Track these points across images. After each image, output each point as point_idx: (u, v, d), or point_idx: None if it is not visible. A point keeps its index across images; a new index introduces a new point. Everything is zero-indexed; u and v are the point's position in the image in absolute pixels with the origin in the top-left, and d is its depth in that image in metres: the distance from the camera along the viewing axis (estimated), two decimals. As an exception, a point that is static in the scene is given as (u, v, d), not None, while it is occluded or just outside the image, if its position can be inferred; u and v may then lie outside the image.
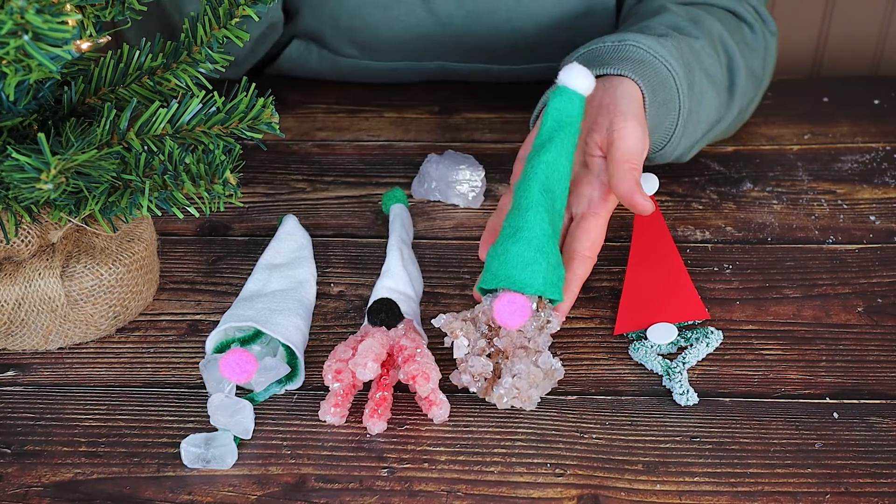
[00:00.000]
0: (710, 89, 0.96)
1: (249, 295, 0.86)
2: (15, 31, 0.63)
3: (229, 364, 0.75)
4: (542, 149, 0.80)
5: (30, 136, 0.77)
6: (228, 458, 0.75)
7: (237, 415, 0.76)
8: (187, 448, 0.74)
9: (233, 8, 0.79)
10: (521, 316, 0.77)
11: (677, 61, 0.91)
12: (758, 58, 1.04)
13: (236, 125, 0.78)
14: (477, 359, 0.78)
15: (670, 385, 0.81)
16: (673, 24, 0.97)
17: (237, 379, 0.75)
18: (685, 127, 0.93)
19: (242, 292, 0.87)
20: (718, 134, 1.03)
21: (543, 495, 0.73)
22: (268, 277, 0.88)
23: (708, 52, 0.97)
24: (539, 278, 0.78)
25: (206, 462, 0.74)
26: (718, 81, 0.97)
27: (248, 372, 0.75)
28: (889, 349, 0.85)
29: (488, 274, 0.80)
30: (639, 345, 0.84)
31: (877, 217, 1.00)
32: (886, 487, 0.74)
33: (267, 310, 0.83)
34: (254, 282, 0.87)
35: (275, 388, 0.80)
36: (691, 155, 1.00)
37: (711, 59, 0.97)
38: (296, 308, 0.84)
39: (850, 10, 1.33)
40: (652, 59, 0.89)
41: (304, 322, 0.84)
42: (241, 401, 0.77)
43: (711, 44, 0.98)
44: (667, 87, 0.90)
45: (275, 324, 0.81)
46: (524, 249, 0.78)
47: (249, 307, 0.83)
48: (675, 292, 0.83)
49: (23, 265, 0.82)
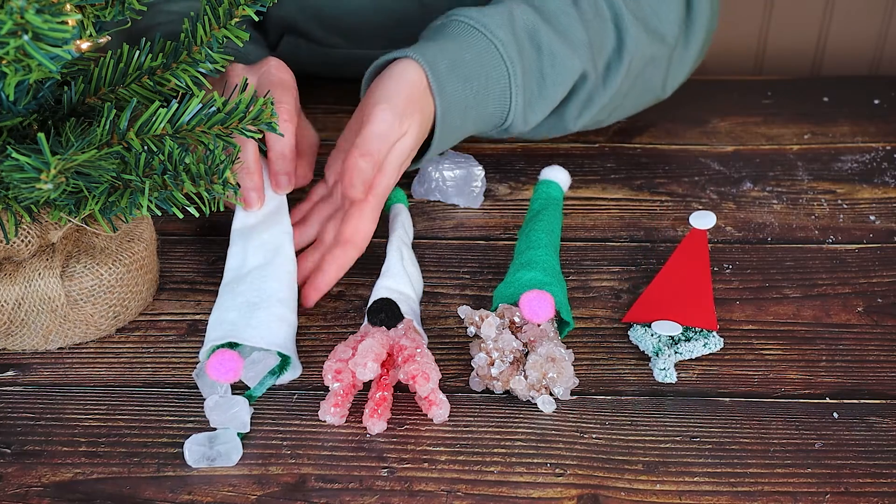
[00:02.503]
0: (564, 48, 0.94)
1: (231, 279, 0.85)
2: (15, 31, 0.63)
3: (215, 366, 0.75)
4: (536, 216, 0.90)
5: (30, 136, 0.77)
6: (234, 455, 0.75)
7: (232, 409, 0.76)
8: (191, 447, 0.75)
9: (232, 8, 0.79)
10: (548, 310, 0.79)
11: (503, 28, 0.92)
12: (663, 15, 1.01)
13: (236, 125, 0.78)
14: (508, 335, 0.79)
15: (654, 362, 0.82)
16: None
17: (226, 378, 0.76)
18: (528, 91, 0.94)
19: (225, 274, 0.86)
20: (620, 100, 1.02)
21: (543, 495, 0.73)
22: (244, 248, 0.87)
23: (567, 10, 0.96)
24: (558, 294, 0.82)
25: (211, 460, 0.74)
26: (577, 40, 0.96)
27: (234, 370, 0.75)
28: (889, 349, 0.85)
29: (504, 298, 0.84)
30: (639, 327, 0.85)
31: (877, 217, 1.00)
32: (886, 487, 0.74)
33: (247, 305, 0.82)
34: (233, 257, 0.87)
35: (270, 380, 0.80)
36: (583, 122, 1.00)
37: (570, 17, 0.96)
38: (276, 292, 0.83)
39: (850, 10, 1.33)
40: (471, 31, 0.91)
41: (288, 305, 0.83)
42: (235, 397, 0.77)
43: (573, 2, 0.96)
44: (486, 55, 0.91)
45: (255, 326, 0.80)
46: (539, 274, 0.84)
47: (231, 304, 0.82)
48: (694, 301, 0.84)
49: (23, 265, 0.82)
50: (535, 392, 0.79)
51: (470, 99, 0.91)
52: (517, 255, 0.87)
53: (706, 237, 0.86)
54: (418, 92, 0.89)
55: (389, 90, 0.88)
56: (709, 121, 1.15)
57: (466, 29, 0.92)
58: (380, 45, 1.14)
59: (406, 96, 0.88)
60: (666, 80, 1.05)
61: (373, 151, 0.86)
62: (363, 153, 0.85)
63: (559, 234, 0.90)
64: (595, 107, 0.99)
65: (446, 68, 0.90)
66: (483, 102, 0.92)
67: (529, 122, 0.95)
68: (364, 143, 0.86)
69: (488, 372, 0.79)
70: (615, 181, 1.05)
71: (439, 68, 0.89)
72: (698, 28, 1.03)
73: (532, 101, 0.94)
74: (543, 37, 0.94)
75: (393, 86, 0.88)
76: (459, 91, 0.90)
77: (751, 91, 1.20)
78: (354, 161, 0.85)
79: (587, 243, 0.97)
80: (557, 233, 0.90)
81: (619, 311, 0.89)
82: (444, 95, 0.89)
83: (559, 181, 0.94)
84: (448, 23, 0.94)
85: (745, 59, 1.37)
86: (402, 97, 0.88)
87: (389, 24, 1.12)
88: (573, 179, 1.01)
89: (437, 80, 0.89)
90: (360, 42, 1.15)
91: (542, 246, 0.87)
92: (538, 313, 0.79)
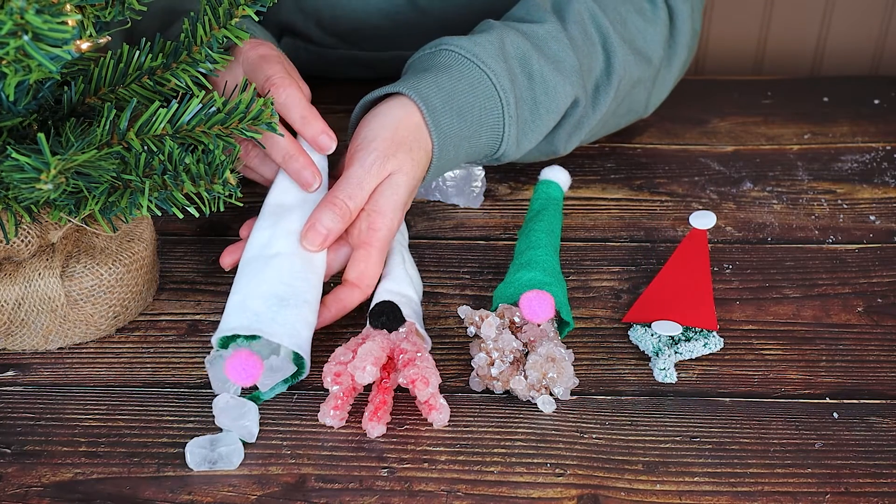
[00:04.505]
0: (555, 75, 0.94)
1: (252, 257, 0.83)
2: (15, 31, 0.63)
3: (235, 368, 0.74)
4: (536, 216, 0.90)
5: (30, 136, 0.77)
6: (235, 458, 0.74)
7: (242, 419, 0.76)
8: (193, 450, 0.74)
9: (232, 8, 0.79)
10: (548, 310, 0.79)
11: (495, 58, 0.91)
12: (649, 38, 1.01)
13: (236, 125, 0.78)
14: (508, 335, 0.79)
15: (654, 363, 0.82)
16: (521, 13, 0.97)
17: (242, 382, 0.75)
18: (521, 121, 0.93)
19: (247, 249, 0.84)
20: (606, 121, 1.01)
21: (543, 495, 0.73)
22: (273, 228, 0.85)
23: (557, 36, 0.95)
24: (558, 294, 0.83)
25: (212, 463, 0.74)
26: (569, 66, 0.95)
27: (253, 376, 0.75)
28: (889, 349, 0.85)
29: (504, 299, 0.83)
30: (639, 327, 0.85)
31: (877, 217, 1.00)
32: (886, 487, 0.74)
33: (275, 298, 0.80)
34: (260, 232, 0.85)
35: (280, 387, 0.80)
36: (573, 145, 1.00)
37: (560, 43, 0.95)
38: (304, 292, 0.82)
39: (850, 10, 1.33)
40: (462, 61, 0.90)
41: (312, 308, 0.82)
42: (246, 403, 0.76)
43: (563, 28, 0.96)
44: (479, 87, 0.90)
45: (282, 324, 0.79)
46: (539, 274, 0.84)
47: (256, 291, 0.80)
48: (694, 301, 0.84)
49: (23, 265, 0.82)
50: (535, 392, 0.79)
51: (464, 131, 0.90)
52: (517, 255, 0.87)
53: (706, 237, 0.86)
54: (409, 129, 0.87)
55: (374, 131, 0.86)
56: (709, 121, 1.15)
57: (458, 59, 0.91)
58: (378, 46, 1.14)
59: (391, 136, 0.86)
60: (649, 100, 1.05)
61: (340, 199, 0.84)
62: (330, 201, 0.84)
63: (559, 234, 0.90)
64: (584, 130, 0.99)
65: (441, 103, 0.88)
66: (477, 133, 0.91)
67: (521, 149, 0.95)
68: (337, 189, 0.84)
69: (488, 372, 0.79)
70: (615, 181, 1.05)
71: (434, 104, 0.88)
72: (681, 49, 1.04)
73: (525, 130, 0.93)
74: (535, 64, 0.93)
75: (378, 126, 0.87)
76: (455, 125, 0.89)
77: (751, 91, 1.20)
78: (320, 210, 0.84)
79: (587, 243, 0.97)
80: (557, 233, 0.90)
81: (619, 311, 0.89)
82: (440, 130, 0.88)
83: (559, 181, 0.94)
84: (438, 52, 0.92)
85: (745, 59, 1.37)
86: (387, 138, 0.86)
87: (388, 26, 1.12)
88: (573, 179, 1.01)
89: (433, 116, 0.88)
90: (359, 44, 1.15)
91: (542, 246, 0.87)
92: (538, 313, 0.79)
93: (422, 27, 1.11)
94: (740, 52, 1.37)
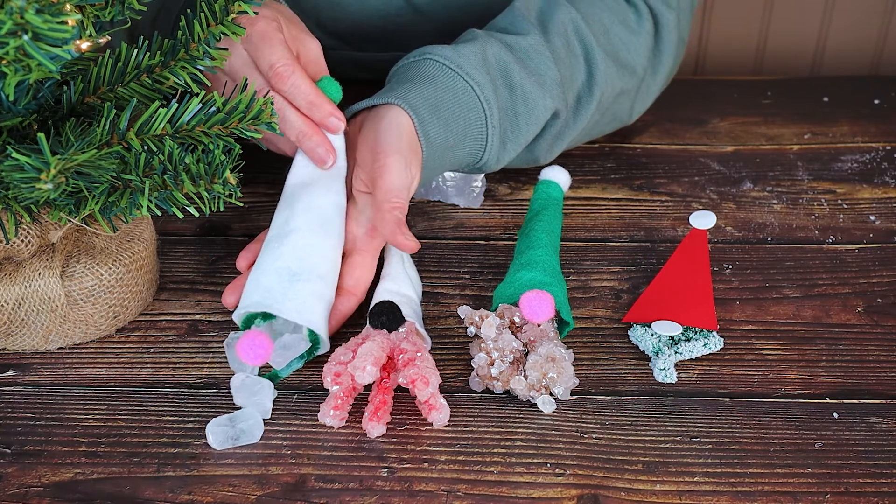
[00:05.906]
0: (536, 88, 0.94)
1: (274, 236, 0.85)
2: (15, 31, 0.63)
3: (244, 349, 0.76)
4: (536, 216, 0.90)
5: (30, 136, 0.77)
6: (256, 432, 0.76)
7: (257, 395, 0.77)
8: (214, 429, 0.75)
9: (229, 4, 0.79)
10: (548, 310, 0.79)
11: (478, 69, 0.91)
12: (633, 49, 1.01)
13: (236, 125, 0.78)
14: (508, 335, 0.79)
15: (654, 362, 0.82)
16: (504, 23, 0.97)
17: (254, 362, 0.76)
18: (503, 131, 0.93)
19: (270, 228, 0.86)
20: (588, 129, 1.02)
21: (543, 495, 0.73)
22: (292, 205, 0.86)
23: (539, 49, 0.95)
24: (558, 294, 0.83)
25: (234, 439, 0.76)
26: (550, 79, 0.95)
27: (262, 356, 0.76)
28: (889, 349, 0.85)
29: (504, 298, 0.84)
30: (639, 327, 0.85)
31: (877, 217, 1.00)
32: (886, 487, 0.74)
33: (287, 272, 0.82)
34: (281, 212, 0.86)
35: (297, 363, 0.81)
36: (553, 155, 1.00)
37: (542, 56, 0.95)
38: (317, 266, 0.83)
39: (850, 10, 1.33)
40: (446, 71, 0.90)
41: (327, 282, 0.83)
42: (261, 380, 0.78)
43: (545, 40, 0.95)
44: (462, 97, 0.90)
45: (292, 298, 0.81)
46: (539, 274, 0.84)
47: (270, 266, 0.82)
48: (694, 301, 0.84)
49: (23, 265, 0.82)
50: (535, 392, 0.79)
51: (449, 140, 0.90)
52: (517, 255, 0.87)
53: (706, 237, 0.86)
54: (413, 138, 0.88)
55: (393, 138, 0.86)
56: (709, 121, 1.15)
57: (442, 70, 0.91)
58: (377, 48, 1.14)
59: (407, 144, 0.87)
60: (633, 109, 1.05)
61: (402, 200, 0.85)
62: (393, 206, 0.84)
63: (559, 234, 0.91)
64: (566, 141, 0.99)
65: (428, 113, 0.89)
66: (461, 143, 0.91)
67: (502, 160, 0.95)
68: (391, 196, 0.84)
69: (488, 372, 0.79)
70: (615, 181, 1.05)
71: (422, 114, 0.88)
72: (666, 58, 1.04)
73: (506, 141, 0.94)
74: (516, 76, 0.93)
75: (395, 134, 0.87)
76: (441, 134, 0.89)
77: (751, 91, 1.20)
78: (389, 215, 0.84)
79: (587, 243, 0.97)
80: (557, 233, 0.90)
81: (619, 311, 0.89)
82: (429, 140, 0.89)
83: (559, 181, 0.94)
84: (422, 61, 0.92)
85: (745, 59, 1.37)
86: (406, 145, 0.87)
87: (387, 28, 1.12)
88: (573, 179, 1.01)
89: (422, 126, 0.88)
90: (358, 45, 1.15)
91: (542, 246, 0.87)
92: (538, 313, 0.79)
93: (420, 29, 1.11)
94: (740, 52, 1.37)
